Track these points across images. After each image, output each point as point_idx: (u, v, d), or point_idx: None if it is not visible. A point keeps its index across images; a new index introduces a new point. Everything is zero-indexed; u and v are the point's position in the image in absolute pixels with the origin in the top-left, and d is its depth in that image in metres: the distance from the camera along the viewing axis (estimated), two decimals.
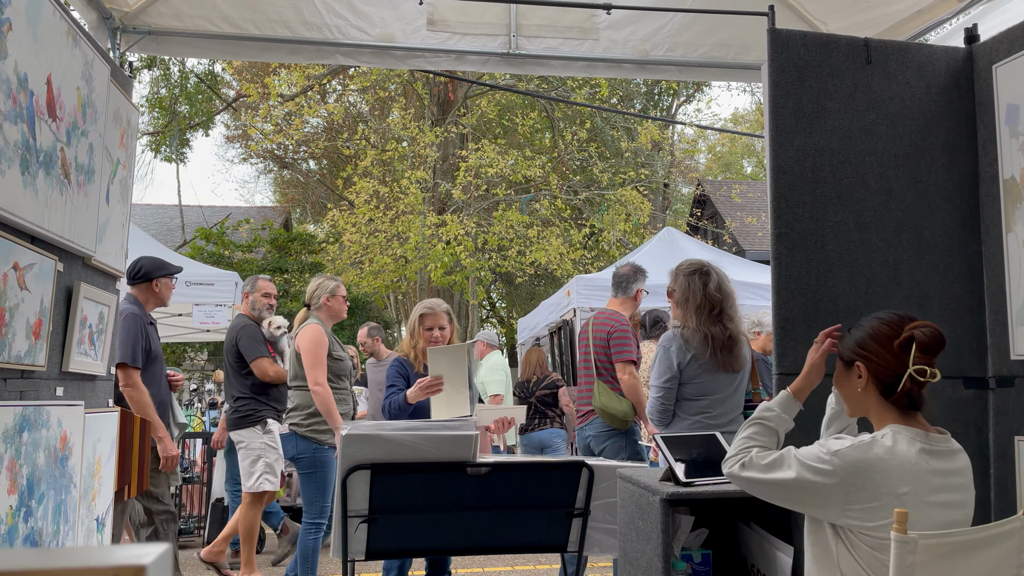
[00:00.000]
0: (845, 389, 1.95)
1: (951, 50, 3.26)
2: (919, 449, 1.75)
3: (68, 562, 0.50)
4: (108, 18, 3.82)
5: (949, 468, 1.76)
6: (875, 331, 1.85)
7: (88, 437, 3.10)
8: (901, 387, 1.77)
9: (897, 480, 1.72)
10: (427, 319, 3.91)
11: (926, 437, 1.78)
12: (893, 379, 1.79)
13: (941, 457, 1.76)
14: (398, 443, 2.81)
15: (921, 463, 1.73)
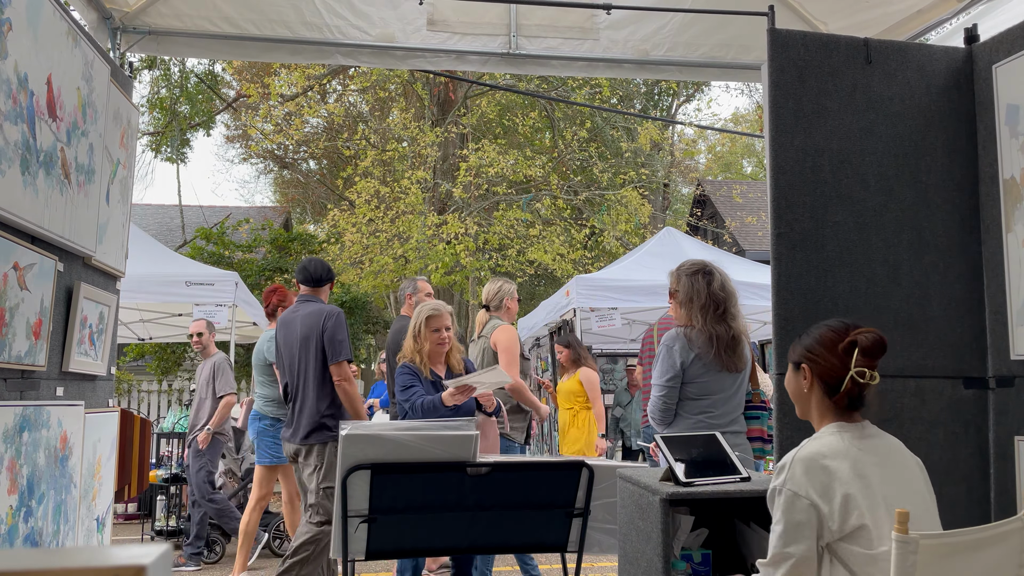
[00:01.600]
0: (794, 390, 2.05)
1: (951, 50, 3.26)
2: (849, 438, 1.87)
3: (68, 562, 0.50)
4: (108, 18, 3.82)
5: (881, 470, 1.85)
6: (822, 336, 1.97)
7: (88, 437, 3.10)
8: (844, 388, 1.89)
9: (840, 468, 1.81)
10: (433, 321, 3.82)
11: (855, 429, 1.89)
12: (836, 381, 1.90)
13: (869, 439, 1.88)
14: (398, 443, 2.81)
15: (852, 452, 1.84)
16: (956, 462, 3.06)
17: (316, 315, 4.14)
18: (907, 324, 3.09)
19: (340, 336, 4.09)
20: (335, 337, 4.07)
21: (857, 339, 1.89)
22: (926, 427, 3.06)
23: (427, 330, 3.82)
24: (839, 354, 1.91)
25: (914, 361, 3.08)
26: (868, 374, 1.87)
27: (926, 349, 3.09)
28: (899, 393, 3.05)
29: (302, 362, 4.13)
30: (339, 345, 4.07)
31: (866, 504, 1.80)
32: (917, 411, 3.06)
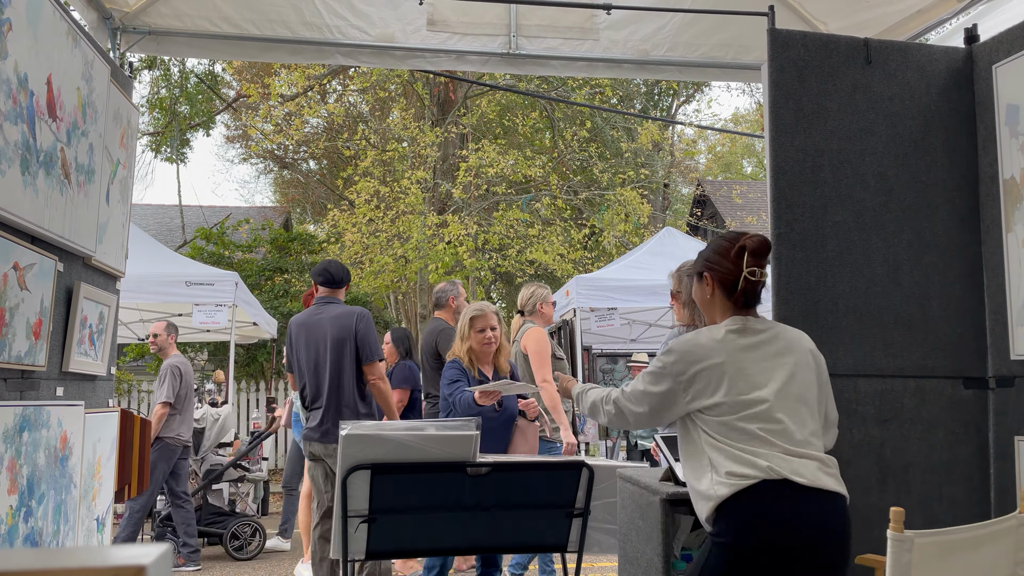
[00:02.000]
0: (699, 299, 2.33)
1: (951, 50, 3.26)
2: (726, 331, 2.16)
3: (68, 562, 0.50)
4: (108, 18, 3.83)
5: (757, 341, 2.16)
6: (718, 246, 2.26)
7: (88, 437, 3.10)
8: (739, 287, 2.18)
9: (710, 354, 2.12)
10: (478, 321, 3.89)
11: (743, 324, 2.18)
12: (732, 282, 2.19)
13: (750, 334, 2.17)
14: (399, 443, 2.81)
15: (728, 340, 2.14)
16: (956, 462, 3.06)
17: (347, 316, 4.20)
18: (907, 324, 3.09)
19: (373, 336, 4.22)
20: (368, 338, 4.19)
21: (746, 244, 2.18)
22: (926, 427, 3.06)
23: (472, 330, 3.89)
24: (732, 259, 2.19)
25: (914, 361, 3.08)
26: (758, 272, 2.17)
27: (926, 349, 3.09)
28: (899, 393, 3.05)
29: (335, 363, 4.16)
30: (373, 345, 4.20)
31: (726, 383, 2.08)
32: (917, 411, 3.06)
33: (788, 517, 1.98)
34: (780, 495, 1.99)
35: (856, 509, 2.98)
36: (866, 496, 2.98)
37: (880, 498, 2.99)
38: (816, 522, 1.99)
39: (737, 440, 2.05)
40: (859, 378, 3.02)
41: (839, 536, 2.03)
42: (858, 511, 2.98)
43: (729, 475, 2.03)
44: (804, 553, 1.98)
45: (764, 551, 1.97)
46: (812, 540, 1.98)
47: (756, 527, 1.98)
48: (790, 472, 2.00)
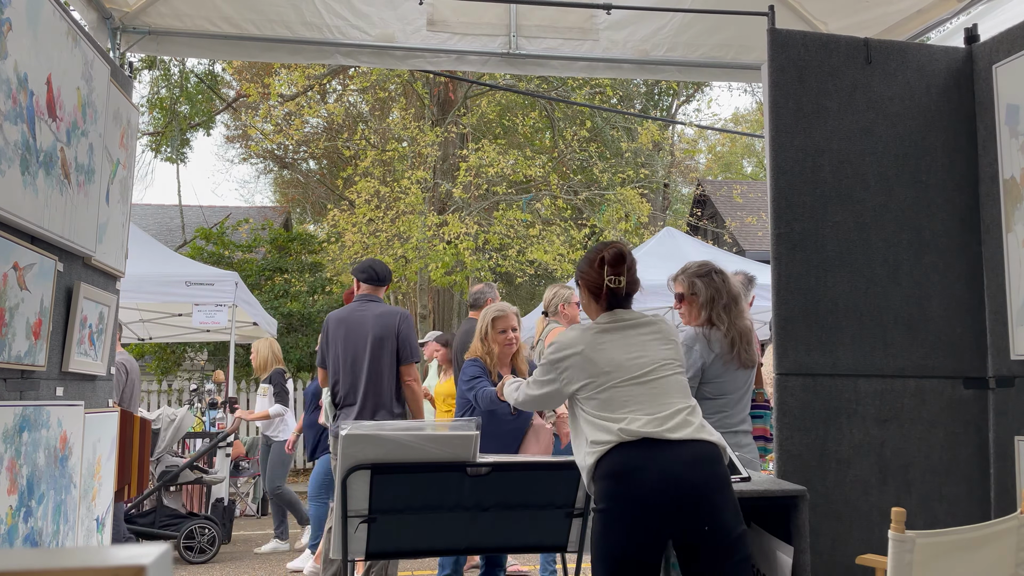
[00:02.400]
0: (584, 306, 2.58)
1: (951, 50, 3.26)
2: (593, 323, 2.45)
3: (68, 562, 0.50)
4: (108, 18, 3.82)
5: (620, 325, 2.42)
6: (585, 257, 2.53)
7: (88, 437, 3.10)
8: (602, 292, 2.43)
9: (574, 343, 2.40)
10: (499, 322, 3.91)
11: (610, 317, 2.44)
12: (597, 288, 2.45)
13: (615, 322, 2.43)
14: (398, 443, 2.81)
15: (588, 334, 2.41)
16: (956, 462, 3.06)
17: (390, 316, 4.23)
18: (907, 324, 3.09)
19: (414, 337, 4.29)
20: (410, 338, 4.25)
21: (604, 255, 2.43)
22: (926, 427, 3.06)
23: (494, 331, 3.91)
24: (596, 269, 2.45)
25: (914, 361, 3.08)
26: (616, 280, 2.41)
27: (926, 349, 3.09)
28: (899, 393, 3.05)
29: (374, 362, 4.18)
30: (414, 346, 4.26)
31: (588, 366, 2.35)
32: (917, 411, 3.06)
33: (646, 472, 2.15)
34: (636, 454, 2.18)
35: (856, 509, 2.98)
36: (866, 496, 2.98)
37: (880, 498, 2.99)
38: (674, 472, 2.14)
39: (601, 410, 2.30)
40: (859, 378, 3.02)
41: (704, 480, 2.15)
42: (858, 511, 2.98)
43: (593, 444, 2.27)
44: (669, 502, 2.12)
45: (630, 507, 2.14)
46: (673, 489, 2.13)
47: (619, 487, 2.16)
48: (647, 430, 2.20)
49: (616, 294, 2.43)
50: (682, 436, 2.19)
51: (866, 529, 2.97)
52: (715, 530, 2.11)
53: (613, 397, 2.30)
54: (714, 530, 2.11)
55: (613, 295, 2.43)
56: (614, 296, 2.44)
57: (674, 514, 2.11)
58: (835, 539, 2.95)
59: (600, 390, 2.32)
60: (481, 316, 4.02)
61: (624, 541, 2.12)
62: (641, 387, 2.30)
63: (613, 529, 2.14)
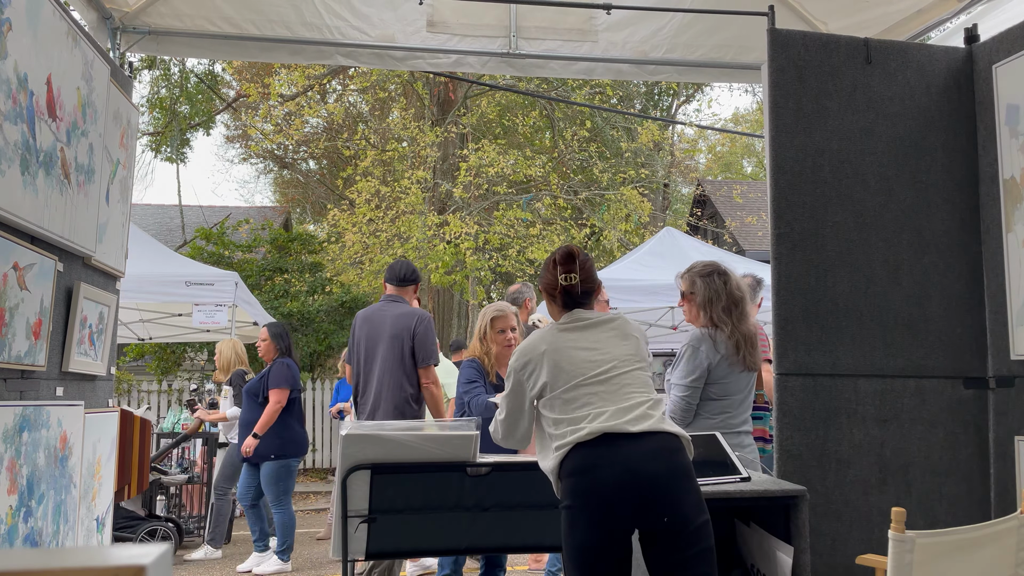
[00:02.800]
0: (548, 310, 2.60)
1: (951, 50, 3.26)
2: (553, 324, 2.49)
3: (68, 562, 0.50)
4: (108, 18, 3.83)
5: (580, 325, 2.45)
6: (544, 263, 2.58)
7: (88, 437, 3.10)
8: (559, 291, 2.47)
9: (537, 346, 2.43)
10: (498, 322, 3.89)
11: (570, 317, 2.47)
12: (552, 289, 2.50)
13: (575, 322, 2.46)
14: (398, 443, 2.81)
15: (548, 333, 2.45)
16: (956, 462, 3.06)
17: (409, 316, 4.24)
18: (907, 324, 3.09)
19: (431, 340, 4.27)
20: (426, 340, 4.22)
21: (555, 256, 2.51)
22: (926, 427, 3.06)
23: (493, 331, 3.90)
24: (550, 270, 2.51)
25: (914, 361, 3.08)
26: (567, 277, 2.45)
27: (926, 349, 3.09)
28: (899, 393, 3.05)
29: (386, 361, 4.20)
30: (430, 349, 4.24)
31: (548, 364, 2.37)
32: (917, 411, 3.06)
33: (607, 467, 2.17)
34: (596, 451, 2.20)
35: (856, 509, 2.98)
36: (866, 496, 2.98)
37: (880, 498, 2.99)
38: (634, 465, 2.16)
39: (563, 412, 2.32)
40: (859, 378, 3.02)
41: (664, 471, 2.17)
42: (858, 511, 2.98)
43: (556, 448, 2.29)
44: (630, 494, 2.14)
45: (594, 502, 2.16)
46: (632, 481, 2.15)
47: (581, 483, 2.19)
48: (607, 424, 2.22)
49: (570, 292, 2.47)
50: (642, 428, 2.22)
51: (866, 529, 2.97)
52: (674, 520, 2.13)
53: (574, 397, 2.33)
54: (673, 520, 2.13)
55: (568, 294, 2.47)
56: (568, 295, 2.47)
57: (636, 505, 2.14)
58: (835, 539, 2.95)
59: (562, 390, 2.35)
60: (480, 316, 4.02)
61: (590, 536, 2.15)
62: (601, 385, 2.33)
63: (579, 525, 2.17)
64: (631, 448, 2.19)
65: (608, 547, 2.15)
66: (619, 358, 2.39)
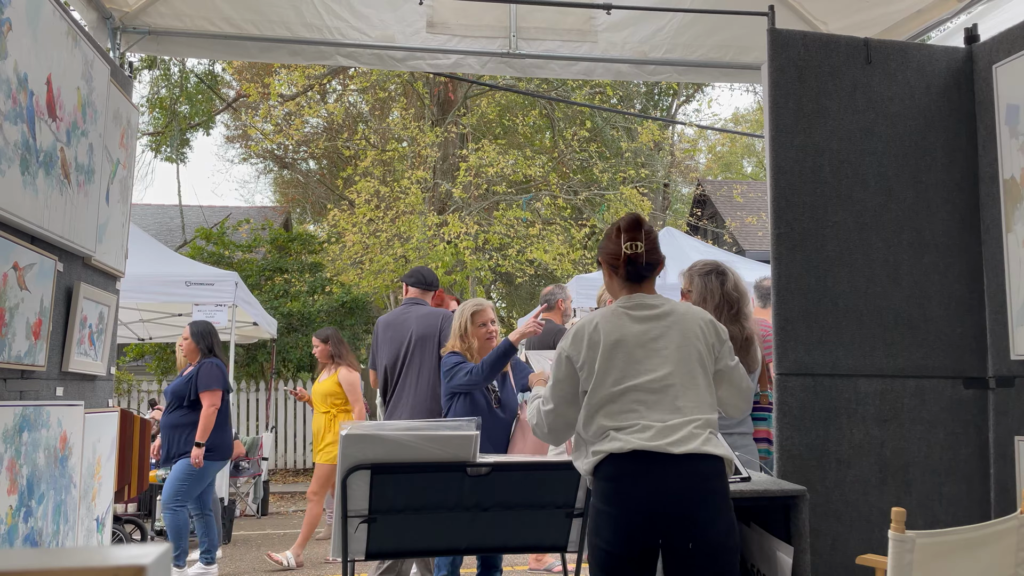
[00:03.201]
0: (606, 285, 2.46)
1: (951, 50, 3.26)
2: (617, 307, 2.30)
3: (68, 562, 0.50)
4: (108, 18, 3.83)
5: (645, 315, 2.28)
6: (605, 234, 2.43)
7: (88, 437, 3.10)
8: (622, 261, 2.30)
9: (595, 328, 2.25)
10: (478, 316, 3.91)
11: (631, 302, 2.30)
12: (615, 259, 2.33)
13: (637, 320, 2.28)
14: (398, 443, 2.81)
15: (611, 318, 2.27)
16: (956, 462, 3.06)
17: (434, 316, 4.31)
18: (907, 324, 3.09)
19: None
20: None
21: (620, 223, 2.35)
22: (926, 427, 3.06)
23: (473, 326, 3.90)
24: (612, 239, 2.35)
25: (914, 361, 3.08)
26: (632, 244, 2.29)
27: (926, 349, 3.09)
28: (899, 393, 3.05)
29: (415, 361, 4.25)
30: None
31: (605, 358, 2.21)
32: (917, 411, 3.06)
33: (638, 485, 2.10)
34: (632, 468, 2.12)
35: (856, 509, 2.98)
36: (866, 496, 2.98)
37: (880, 498, 2.99)
38: (665, 489, 2.09)
39: (606, 413, 2.19)
40: (859, 378, 3.02)
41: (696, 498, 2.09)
42: (858, 511, 2.98)
43: (593, 453, 2.20)
44: (658, 516, 2.08)
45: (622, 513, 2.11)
46: (662, 506, 2.09)
47: (613, 492, 2.13)
48: (646, 443, 2.12)
49: (635, 262, 2.29)
50: (684, 451, 2.11)
51: (866, 529, 2.97)
52: (701, 545, 2.08)
53: (622, 399, 2.19)
54: (699, 545, 2.08)
55: (632, 263, 2.29)
56: (633, 265, 2.29)
57: (663, 528, 2.09)
58: (835, 539, 2.95)
59: (611, 386, 2.20)
60: (458, 313, 4.02)
61: (615, 543, 2.12)
62: (653, 395, 2.19)
63: (605, 530, 2.14)
64: (667, 470, 2.10)
65: (631, 558, 2.11)
66: (678, 363, 2.23)
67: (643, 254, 2.29)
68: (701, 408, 2.21)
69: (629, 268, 2.30)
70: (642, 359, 2.22)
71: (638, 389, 2.19)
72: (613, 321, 2.27)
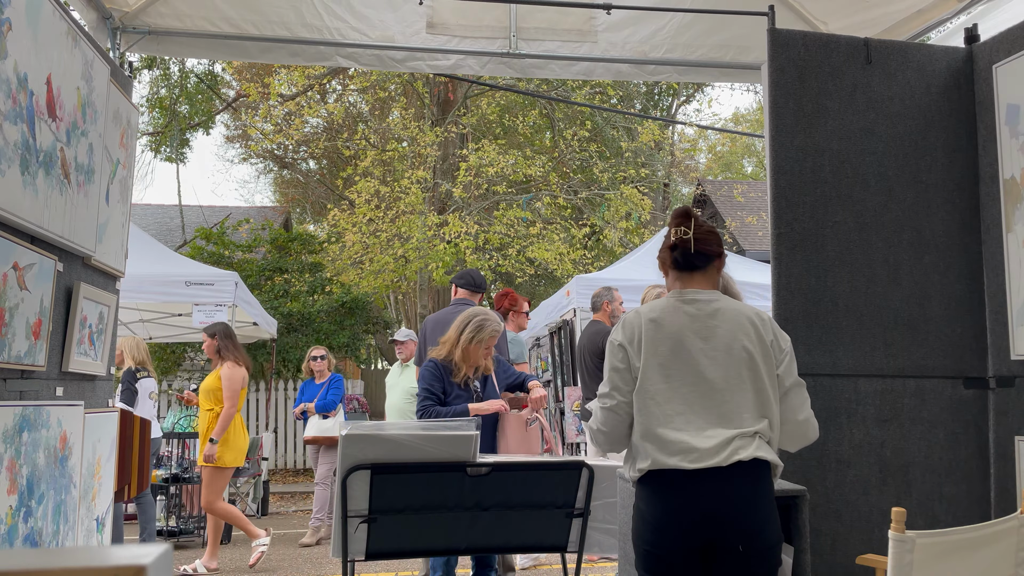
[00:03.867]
0: (666, 284, 2.39)
1: (951, 50, 3.26)
2: (669, 298, 2.25)
3: (68, 562, 0.50)
4: (108, 18, 3.83)
5: (698, 323, 2.19)
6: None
7: (88, 437, 3.10)
8: (670, 247, 2.27)
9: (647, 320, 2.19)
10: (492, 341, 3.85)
11: (683, 297, 2.23)
12: (664, 249, 2.29)
13: (693, 317, 2.20)
14: (398, 443, 2.81)
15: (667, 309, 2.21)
16: (956, 462, 3.06)
17: None
18: (907, 324, 3.09)
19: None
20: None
21: (672, 212, 2.33)
22: (926, 427, 3.06)
23: (480, 347, 3.80)
24: (668, 235, 2.30)
25: (914, 361, 3.08)
26: (679, 231, 2.25)
27: (926, 349, 3.09)
28: (899, 393, 3.05)
29: None
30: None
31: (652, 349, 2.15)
32: (917, 411, 3.06)
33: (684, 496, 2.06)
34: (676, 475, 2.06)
35: (856, 509, 2.98)
36: (866, 496, 2.98)
37: (880, 498, 2.99)
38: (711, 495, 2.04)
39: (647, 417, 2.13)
40: (859, 378, 3.02)
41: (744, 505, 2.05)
42: (858, 511, 2.98)
43: (634, 463, 2.16)
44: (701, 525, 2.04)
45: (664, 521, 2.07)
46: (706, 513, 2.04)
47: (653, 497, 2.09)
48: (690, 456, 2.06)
49: (683, 248, 2.21)
50: (732, 461, 2.04)
51: (866, 529, 2.97)
52: (748, 548, 2.06)
53: (669, 402, 2.12)
54: (748, 548, 2.05)
55: (679, 251, 2.22)
56: (681, 253, 2.22)
57: (707, 535, 2.05)
58: (835, 539, 2.95)
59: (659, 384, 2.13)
60: (475, 325, 3.84)
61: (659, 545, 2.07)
62: (701, 399, 2.12)
63: (647, 532, 2.09)
64: (714, 481, 2.04)
65: (674, 561, 2.07)
66: (730, 367, 2.14)
67: (691, 241, 2.21)
68: (750, 414, 2.12)
69: (676, 255, 2.24)
70: (694, 360, 2.14)
71: (685, 388, 2.12)
72: (669, 310, 2.21)
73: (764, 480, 2.08)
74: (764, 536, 2.05)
